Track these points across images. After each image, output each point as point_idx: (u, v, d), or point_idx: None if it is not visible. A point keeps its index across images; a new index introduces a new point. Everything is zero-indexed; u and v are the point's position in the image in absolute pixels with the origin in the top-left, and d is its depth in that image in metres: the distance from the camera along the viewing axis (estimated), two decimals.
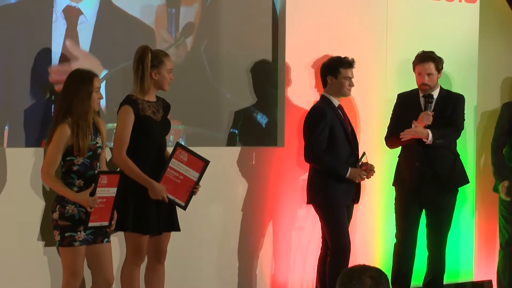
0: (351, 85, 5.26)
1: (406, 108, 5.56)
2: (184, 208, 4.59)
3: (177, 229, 4.75)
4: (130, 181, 4.40)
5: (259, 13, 5.80)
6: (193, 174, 4.58)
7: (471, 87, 6.35)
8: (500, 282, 5.71)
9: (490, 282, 6.21)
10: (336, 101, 5.27)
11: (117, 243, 4.89)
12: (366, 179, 5.21)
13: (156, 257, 4.67)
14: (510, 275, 5.65)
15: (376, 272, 2.83)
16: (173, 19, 5.60)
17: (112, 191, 4.28)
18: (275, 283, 5.78)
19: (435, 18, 6.29)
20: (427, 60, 5.29)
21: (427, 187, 5.26)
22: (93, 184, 4.09)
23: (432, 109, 5.27)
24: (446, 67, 5.82)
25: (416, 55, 5.69)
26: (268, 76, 5.76)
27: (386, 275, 2.79)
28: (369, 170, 5.03)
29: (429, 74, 5.25)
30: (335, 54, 5.67)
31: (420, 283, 5.72)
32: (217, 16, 5.75)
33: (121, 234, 4.60)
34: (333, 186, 5.09)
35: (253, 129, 5.71)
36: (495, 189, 5.72)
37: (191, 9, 5.54)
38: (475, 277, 6.34)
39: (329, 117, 5.25)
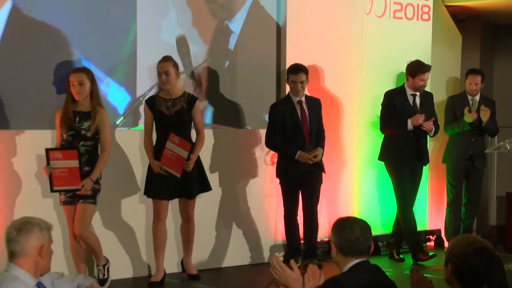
0: (298, 88, 6.05)
1: (395, 102, 6.47)
2: (179, 177, 5.38)
3: (190, 197, 5.55)
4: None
5: (267, 34, 6.81)
6: (184, 153, 5.34)
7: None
8: (446, 231, 6.76)
9: (439, 230, 7.22)
10: (295, 98, 6.09)
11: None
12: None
13: (183, 217, 5.56)
14: (454, 226, 6.69)
15: (364, 224, 3.32)
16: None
17: (73, 163, 5.06)
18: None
19: (399, 32, 7.30)
20: (428, 69, 6.30)
21: (412, 160, 6.25)
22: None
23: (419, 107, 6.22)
24: (403, 74, 6.91)
25: (415, 65, 6.59)
26: (272, 80, 6.74)
27: (370, 227, 3.36)
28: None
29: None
30: (323, 60, 6.78)
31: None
32: (235, 40, 6.72)
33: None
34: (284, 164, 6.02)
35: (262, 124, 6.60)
36: (444, 161, 6.76)
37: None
38: (428, 226, 7.29)
39: (280, 110, 6.10)
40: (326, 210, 6.77)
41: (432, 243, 7.32)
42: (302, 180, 6.00)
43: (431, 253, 6.04)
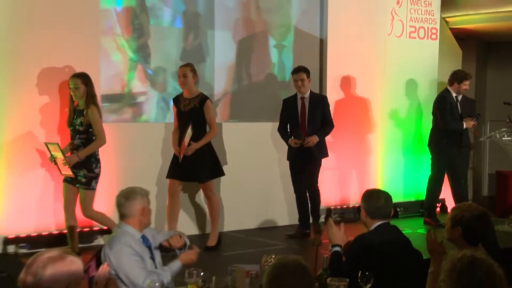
0: (299, 85, 6.34)
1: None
2: (180, 159, 5.69)
3: (201, 181, 5.81)
4: None
5: (311, 48, 7.57)
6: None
7: (432, 92, 8.20)
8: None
9: (444, 199, 7.84)
10: (299, 95, 6.47)
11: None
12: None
13: (204, 194, 5.94)
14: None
15: (386, 194, 3.58)
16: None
17: (59, 154, 5.33)
18: None
19: (414, 49, 8.27)
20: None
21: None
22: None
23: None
24: (412, 94, 8.09)
25: (460, 73, 7.14)
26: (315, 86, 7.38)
27: (391, 197, 3.60)
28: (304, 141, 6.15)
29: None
30: (356, 70, 7.62)
31: None
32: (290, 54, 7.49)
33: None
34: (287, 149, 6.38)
35: None
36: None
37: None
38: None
39: (286, 105, 6.55)
40: (357, 182, 7.69)
41: (438, 209, 7.90)
42: (299, 162, 6.46)
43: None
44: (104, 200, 5.78)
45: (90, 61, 6.02)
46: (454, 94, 7.08)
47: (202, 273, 3.44)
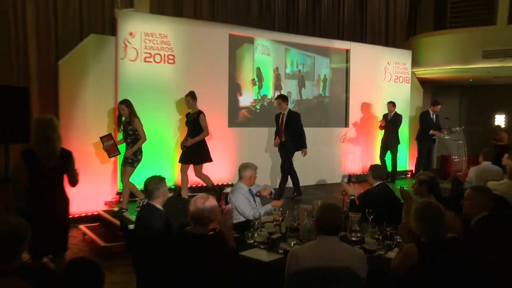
0: (276, 106, 7.38)
1: (427, 118, 8.84)
2: (183, 146, 6.84)
3: (184, 162, 6.88)
4: None
5: (340, 72, 9.91)
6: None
7: (406, 111, 10.70)
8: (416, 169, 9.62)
9: (412, 170, 10.48)
10: (280, 111, 7.53)
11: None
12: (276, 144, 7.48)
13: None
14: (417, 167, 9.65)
15: (385, 166, 7.29)
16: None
17: (111, 142, 6.41)
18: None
19: (397, 88, 10.75)
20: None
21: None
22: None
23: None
24: (399, 108, 9.88)
25: (435, 101, 9.00)
26: (342, 108, 9.92)
27: (386, 168, 7.05)
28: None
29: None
30: (366, 96, 10.06)
31: None
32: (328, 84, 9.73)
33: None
34: None
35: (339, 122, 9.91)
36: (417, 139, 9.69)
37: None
38: (408, 167, 10.95)
39: (276, 118, 7.75)
40: (367, 160, 10.16)
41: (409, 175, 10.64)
42: (280, 154, 7.76)
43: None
44: (229, 169, 8.05)
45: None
46: (431, 113, 9.53)
47: (281, 209, 4.35)
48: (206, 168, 7.33)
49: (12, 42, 7.23)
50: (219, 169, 8.15)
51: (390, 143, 9.62)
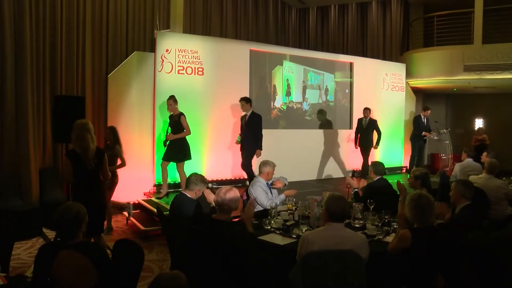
0: (240, 108, 6.76)
1: (419, 121, 8.66)
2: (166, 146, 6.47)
3: (168, 160, 6.38)
4: None
5: (344, 86, 9.81)
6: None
7: (401, 116, 10.50)
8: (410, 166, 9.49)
9: (406, 166, 10.21)
10: (243, 114, 6.90)
11: None
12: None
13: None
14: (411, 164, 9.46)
15: (382, 164, 4.52)
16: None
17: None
18: None
19: (393, 96, 10.48)
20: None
21: (422, 142, 8.51)
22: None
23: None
24: (392, 116, 10.02)
25: (426, 107, 8.87)
26: (347, 114, 9.74)
27: (384, 165, 4.48)
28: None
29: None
30: (369, 104, 9.60)
31: None
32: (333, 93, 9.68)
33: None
34: None
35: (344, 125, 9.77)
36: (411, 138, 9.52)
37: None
38: (403, 163, 10.67)
39: (241, 119, 7.12)
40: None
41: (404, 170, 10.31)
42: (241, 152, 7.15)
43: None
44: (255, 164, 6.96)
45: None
46: (422, 117, 9.45)
47: (294, 199, 4.28)
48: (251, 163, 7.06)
49: (74, 60, 7.40)
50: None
51: (365, 146, 9.13)
